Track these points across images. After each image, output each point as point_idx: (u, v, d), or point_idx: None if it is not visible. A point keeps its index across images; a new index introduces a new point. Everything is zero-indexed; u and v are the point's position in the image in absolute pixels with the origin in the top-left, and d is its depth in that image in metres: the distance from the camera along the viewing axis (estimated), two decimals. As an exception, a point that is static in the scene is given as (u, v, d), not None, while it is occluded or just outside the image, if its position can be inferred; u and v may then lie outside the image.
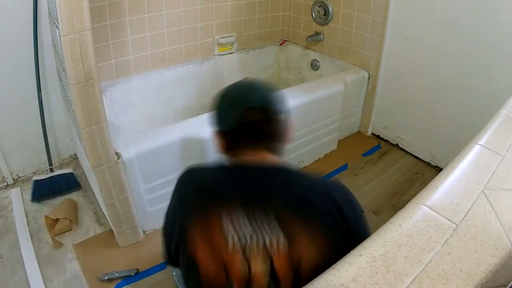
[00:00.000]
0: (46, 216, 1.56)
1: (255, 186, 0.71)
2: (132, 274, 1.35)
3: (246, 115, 0.77)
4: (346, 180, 1.88)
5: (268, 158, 0.79)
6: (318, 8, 2.25)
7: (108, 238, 1.51)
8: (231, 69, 2.31)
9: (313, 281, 0.45)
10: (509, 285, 0.44)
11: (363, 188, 1.83)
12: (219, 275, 0.64)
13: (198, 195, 0.73)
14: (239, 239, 0.64)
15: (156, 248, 1.46)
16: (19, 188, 1.77)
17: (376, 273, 0.44)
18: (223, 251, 0.64)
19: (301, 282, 0.62)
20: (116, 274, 1.34)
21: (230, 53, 2.29)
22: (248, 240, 0.64)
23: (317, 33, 2.32)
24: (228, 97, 0.82)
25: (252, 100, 0.79)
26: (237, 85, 0.84)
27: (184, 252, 0.70)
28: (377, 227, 0.52)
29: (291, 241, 0.63)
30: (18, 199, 1.70)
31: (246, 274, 0.63)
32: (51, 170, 1.74)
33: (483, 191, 0.59)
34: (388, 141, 2.22)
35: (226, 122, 0.80)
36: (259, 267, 0.63)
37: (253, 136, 0.78)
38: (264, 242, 0.64)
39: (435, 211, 0.53)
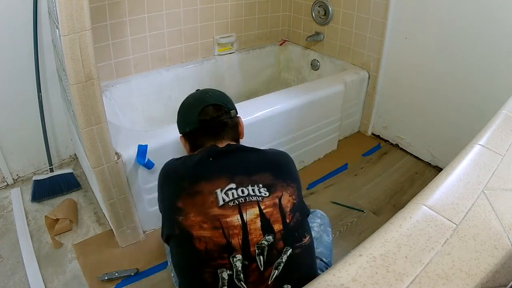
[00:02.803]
0: (46, 216, 1.56)
1: (239, 164, 0.86)
2: (132, 274, 1.35)
3: (204, 112, 0.94)
4: (346, 180, 1.89)
5: (233, 143, 0.94)
6: (318, 8, 2.25)
7: (108, 238, 1.51)
8: (231, 69, 2.31)
9: (313, 281, 0.45)
10: (509, 285, 0.44)
11: (363, 188, 1.83)
12: (214, 233, 0.74)
13: (189, 177, 0.83)
14: (230, 199, 0.78)
15: (156, 248, 1.46)
16: (19, 188, 1.77)
17: (376, 273, 0.44)
18: (215, 208, 0.76)
19: (286, 218, 0.79)
20: (116, 274, 1.34)
21: (230, 53, 2.29)
22: (237, 197, 0.78)
23: (317, 33, 2.32)
24: (186, 104, 1.02)
25: (206, 100, 0.97)
26: (192, 94, 1.05)
27: (178, 228, 0.79)
28: (377, 227, 0.52)
29: (269, 189, 0.81)
30: (18, 199, 1.70)
31: (240, 222, 0.75)
32: (51, 170, 1.74)
33: (483, 191, 0.59)
34: (388, 141, 2.22)
35: (188, 122, 0.97)
36: (250, 212, 0.77)
37: (214, 129, 0.94)
38: (249, 193, 0.79)
39: (435, 211, 0.53)
